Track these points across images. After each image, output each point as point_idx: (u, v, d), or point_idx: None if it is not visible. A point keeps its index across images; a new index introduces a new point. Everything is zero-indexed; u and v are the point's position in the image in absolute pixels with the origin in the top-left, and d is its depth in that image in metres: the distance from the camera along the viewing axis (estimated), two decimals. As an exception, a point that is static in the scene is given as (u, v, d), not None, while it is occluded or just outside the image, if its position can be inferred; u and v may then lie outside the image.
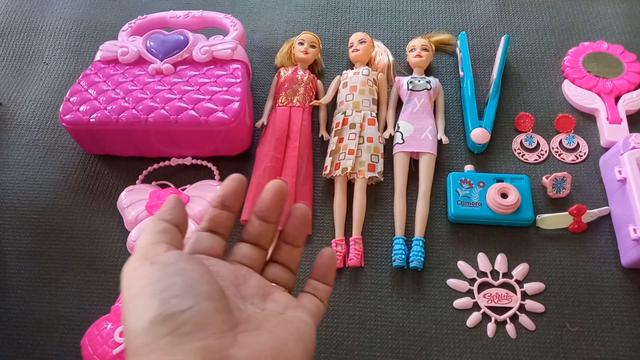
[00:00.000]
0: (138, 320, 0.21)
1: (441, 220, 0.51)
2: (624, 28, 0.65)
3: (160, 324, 0.21)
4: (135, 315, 0.22)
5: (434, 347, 0.45)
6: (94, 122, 0.51)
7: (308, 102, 0.57)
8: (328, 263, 0.32)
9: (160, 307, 0.21)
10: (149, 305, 0.21)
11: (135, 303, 0.22)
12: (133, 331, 0.21)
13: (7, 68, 0.65)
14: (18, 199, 0.54)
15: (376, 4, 0.69)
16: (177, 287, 0.22)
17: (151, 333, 0.21)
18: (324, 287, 0.31)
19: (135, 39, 0.57)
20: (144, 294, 0.22)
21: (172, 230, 0.27)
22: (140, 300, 0.22)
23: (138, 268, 0.24)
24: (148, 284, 0.22)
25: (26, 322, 0.47)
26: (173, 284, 0.23)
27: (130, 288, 0.23)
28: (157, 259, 0.24)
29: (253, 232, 0.30)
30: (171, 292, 0.22)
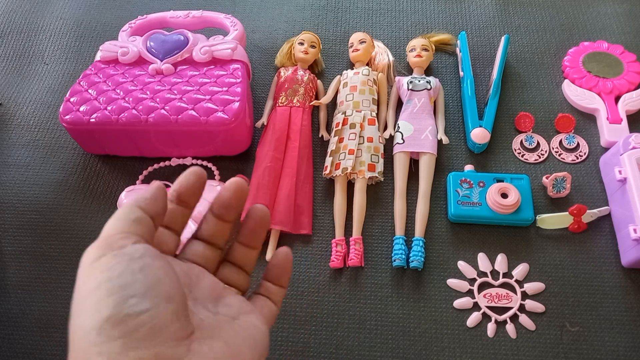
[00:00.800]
0: (90, 318, 0.20)
1: (441, 220, 0.51)
2: (624, 28, 0.65)
3: (114, 325, 0.19)
4: (87, 312, 0.20)
5: (434, 347, 0.45)
6: (94, 122, 0.51)
7: (308, 102, 0.57)
8: (283, 264, 0.30)
9: (116, 306, 0.20)
10: (105, 303, 0.20)
11: (90, 298, 0.20)
12: (81, 329, 0.20)
13: (7, 68, 0.65)
14: (18, 199, 0.54)
15: (376, 4, 0.69)
16: (138, 285, 0.21)
17: (102, 334, 0.19)
18: (278, 290, 0.30)
19: (136, 39, 0.57)
20: (101, 289, 0.20)
21: (146, 221, 0.24)
22: (95, 295, 0.20)
23: (99, 259, 0.21)
24: (108, 278, 0.21)
25: (26, 322, 0.47)
26: (135, 281, 0.21)
27: (88, 281, 0.21)
28: (123, 251, 0.22)
29: (208, 230, 0.28)
30: (131, 290, 0.20)
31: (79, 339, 0.20)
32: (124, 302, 0.20)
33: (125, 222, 0.24)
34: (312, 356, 0.45)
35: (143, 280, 0.21)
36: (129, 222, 0.24)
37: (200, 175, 0.27)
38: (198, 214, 0.49)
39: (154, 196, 0.26)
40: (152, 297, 0.21)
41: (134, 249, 0.22)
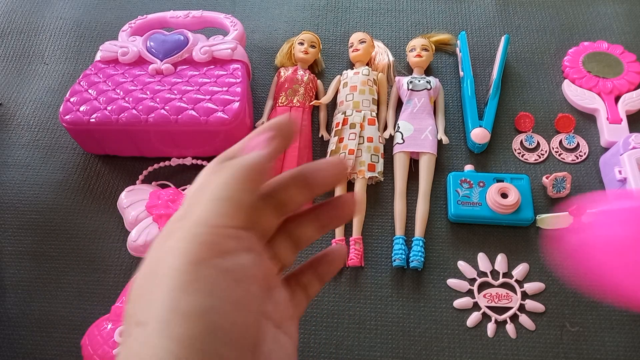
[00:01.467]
0: (159, 344, 0.15)
1: (441, 220, 0.51)
2: (624, 28, 0.65)
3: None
4: (162, 354, 0.15)
5: (434, 347, 0.45)
6: (94, 123, 0.51)
7: (308, 102, 0.57)
8: (337, 263, 0.25)
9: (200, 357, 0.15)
10: (189, 346, 0.15)
11: (166, 324, 0.16)
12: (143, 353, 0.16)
13: (7, 68, 0.65)
14: (18, 199, 0.54)
15: (376, 4, 0.69)
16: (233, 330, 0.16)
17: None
18: (318, 286, 0.25)
19: (136, 39, 0.57)
20: (190, 322, 0.16)
21: (263, 206, 0.19)
22: (174, 323, 0.16)
23: (197, 265, 0.16)
24: (202, 306, 0.16)
25: (26, 322, 0.47)
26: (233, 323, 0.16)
27: (174, 294, 0.16)
28: (228, 266, 0.17)
29: (283, 194, 0.21)
30: (222, 335, 0.16)
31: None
32: (212, 351, 0.16)
33: (240, 207, 0.18)
34: (312, 356, 0.45)
35: (240, 324, 0.17)
36: (244, 206, 0.18)
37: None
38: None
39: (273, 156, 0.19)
40: (240, 349, 0.16)
41: (241, 265, 0.17)
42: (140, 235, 0.48)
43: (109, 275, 0.49)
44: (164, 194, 0.51)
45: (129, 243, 0.48)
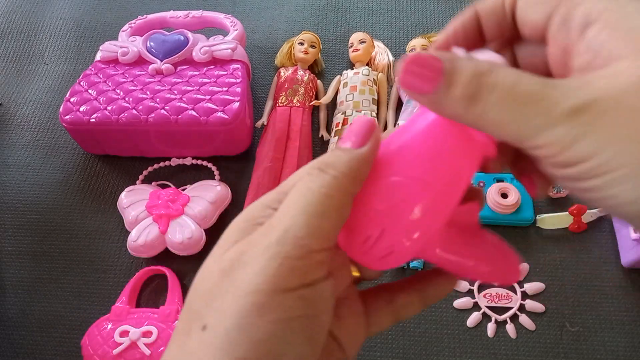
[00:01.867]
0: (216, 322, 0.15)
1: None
2: (624, 28, 0.65)
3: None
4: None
5: (434, 347, 0.45)
6: (94, 123, 0.51)
7: (308, 102, 0.57)
8: (448, 287, 0.22)
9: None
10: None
11: (234, 352, 0.15)
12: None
13: (7, 68, 0.65)
14: (18, 199, 0.54)
15: (376, 4, 0.69)
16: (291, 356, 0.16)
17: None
18: (418, 308, 0.22)
19: (136, 39, 0.57)
20: (258, 349, 0.15)
21: (342, 220, 0.17)
22: (243, 351, 0.15)
23: (279, 294, 0.16)
24: (274, 334, 0.15)
25: (26, 322, 0.47)
26: (301, 356, 0.16)
27: (243, 321, 0.15)
28: (310, 295, 0.16)
29: None
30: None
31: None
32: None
33: (332, 228, 0.16)
34: (312, 356, 0.45)
35: (306, 355, 0.16)
36: (340, 221, 0.17)
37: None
38: (198, 213, 0.49)
39: (368, 166, 0.18)
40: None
41: (322, 297, 0.16)
42: (140, 235, 0.48)
43: (109, 275, 0.49)
44: (164, 194, 0.51)
45: (129, 243, 0.48)
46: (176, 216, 0.49)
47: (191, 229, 0.48)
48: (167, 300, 0.46)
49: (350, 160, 0.17)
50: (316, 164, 0.17)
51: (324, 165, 0.17)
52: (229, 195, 0.52)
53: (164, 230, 0.48)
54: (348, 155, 0.17)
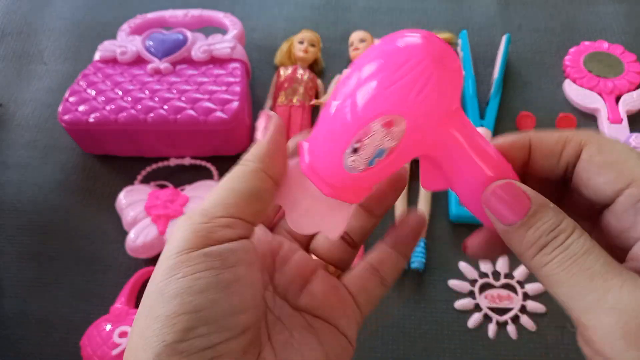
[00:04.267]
0: (153, 338, 0.16)
1: (442, 220, 0.51)
2: (624, 28, 0.65)
3: (170, 354, 0.16)
4: (153, 326, 0.17)
5: (435, 349, 0.45)
6: (93, 122, 0.50)
7: (308, 102, 0.57)
8: (419, 227, 0.25)
9: (181, 333, 0.16)
10: (171, 323, 0.16)
11: (162, 308, 0.17)
12: (140, 347, 0.17)
13: (7, 68, 0.65)
14: (17, 199, 0.54)
15: (377, 3, 0.68)
16: (216, 310, 0.17)
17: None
18: (397, 261, 0.24)
19: (134, 38, 0.57)
20: (176, 301, 0.17)
21: (263, 196, 0.19)
22: (168, 307, 0.17)
23: (189, 253, 0.17)
24: (188, 289, 0.17)
25: (26, 322, 0.47)
26: (215, 303, 0.17)
27: (168, 280, 0.17)
28: (218, 251, 0.18)
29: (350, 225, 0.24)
30: (206, 314, 0.17)
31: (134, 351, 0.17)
32: (192, 329, 0.16)
33: (238, 198, 0.19)
34: (312, 357, 0.45)
35: (224, 304, 0.17)
36: (243, 197, 0.19)
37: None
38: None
39: (278, 151, 0.20)
40: (226, 330, 0.17)
41: (232, 250, 0.18)
42: (139, 235, 0.48)
43: (108, 275, 0.49)
44: (163, 194, 0.50)
45: (128, 243, 0.48)
46: (175, 216, 0.49)
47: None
48: (167, 301, 0.46)
49: (255, 148, 0.20)
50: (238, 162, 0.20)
51: (241, 160, 0.20)
52: (228, 195, 0.52)
53: (162, 231, 0.48)
54: (255, 146, 0.20)
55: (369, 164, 0.18)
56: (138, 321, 0.18)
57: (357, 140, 0.17)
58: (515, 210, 0.17)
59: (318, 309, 0.22)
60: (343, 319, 0.23)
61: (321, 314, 0.22)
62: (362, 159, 0.18)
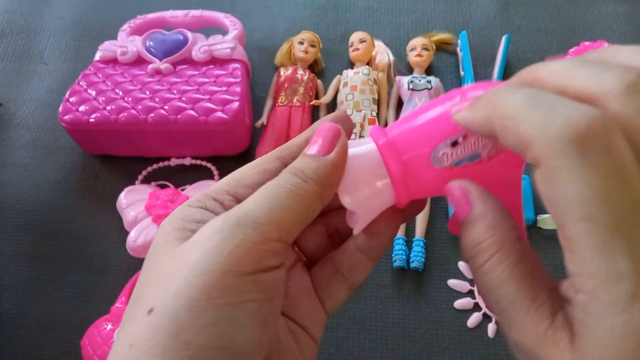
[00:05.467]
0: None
1: (442, 220, 0.51)
2: (625, 28, 0.65)
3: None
4: (171, 355, 0.15)
5: (434, 348, 0.45)
6: (94, 122, 0.50)
7: (308, 102, 0.57)
8: (389, 238, 0.22)
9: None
10: (200, 357, 0.15)
11: (184, 335, 0.15)
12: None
13: (7, 68, 0.65)
14: (17, 199, 0.54)
15: (377, 3, 0.69)
16: (248, 347, 0.16)
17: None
18: (369, 267, 0.22)
19: (135, 38, 0.57)
20: (207, 332, 0.15)
21: (309, 222, 0.18)
22: (193, 335, 0.15)
23: (248, 277, 0.15)
24: (224, 319, 0.15)
25: (26, 322, 0.47)
26: (250, 339, 0.16)
27: (194, 303, 0.15)
28: (264, 280, 0.16)
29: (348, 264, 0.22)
30: (238, 350, 0.15)
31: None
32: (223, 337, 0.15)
33: (292, 221, 0.17)
34: (312, 357, 0.45)
35: (257, 341, 0.16)
36: (297, 223, 0.17)
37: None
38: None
39: (339, 178, 0.18)
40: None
41: (275, 281, 0.16)
42: (140, 235, 0.48)
43: (108, 275, 0.49)
44: (163, 194, 0.50)
45: (129, 243, 0.48)
46: (175, 216, 0.49)
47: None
48: (167, 301, 0.46)
49: (318, 168, 0.17)
50: (287, 169, 0.18)
51: (294, 170, 0.17)
52: (228, 195, 0.52)
53: (163, 231, 0.48)
54: (316, 162, 0.17)
55: (457, 163, 0.17)
56: (155, 330, 0.15)
57: (464, 135, 0.17)
58: (460, 210, 0.17)
59: (292, 311, 0.21)
60: (314, 326, 0.22)
61: (296, 317, 0.21)
62: (455, 155, 0.17)
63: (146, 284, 0.16)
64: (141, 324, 0.15)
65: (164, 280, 0.16)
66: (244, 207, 0.16)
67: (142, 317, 0.15)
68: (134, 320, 0.16)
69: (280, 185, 0.17)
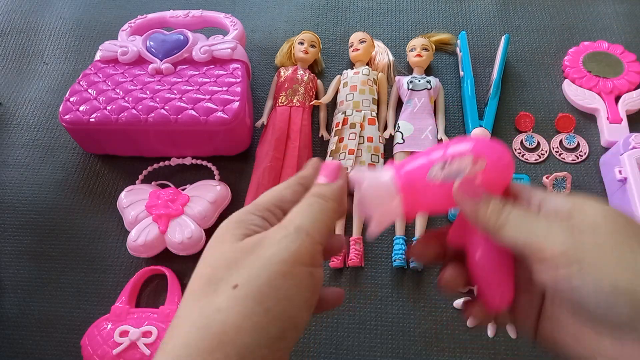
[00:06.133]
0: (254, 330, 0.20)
1: (441, 220, 0.51)
2: (624, 28, 0.65)
3: (270, 346, 0.20)
4: (255, 319, 0.20)
5: (434, 347, 0.45)
6: (94, 122, 0.50)
7: (308, 102, 0.57)
8: (336, 302, 0.27)
9: (281, 333, 0.20)
10: (274, 324, 0.20)
11: (265, 304, 0.20)
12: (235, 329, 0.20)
13: (7, 68, 0.65)
14: (18, 199, 0.54)
15: (376, 4, 0.69)
16: (300, 321, 0.21)
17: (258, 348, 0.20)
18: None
19: (135, 38, 0.57)
20: (281, 304, 0.20)
21: (330, 229, 0.24)
22: (275, 306, 0.20)
23: (296, 266, 0.21)
24: (292, 297, 0.21)
25: (26, 322, 0.47)
26: (302, 317, 0.21)
27: (274, 282, 0.20)
28: (316, 275, 0.22)
29: None
30: (293, 323, 0.21)
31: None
32: (285, 332, 0.20)
33: (328, 231, 0.23)
34: (312, 356, 0.45)
35: (303, 319, 0.21)
36: (328, 231, 0.23)
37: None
38: (198, 213, 0.49)
39: (345, 197, 0.26)
40: (296, 338, 0.21)
41: (320, 277, 0.22)
42: (140, 235, 0.48)
43: (108, 275, 0.49)
44: (164, 194, 0.51)
45: (129, 243, 0.48)
46: (176, 216, 0.49)
47: (191, 228, 0.48)
48: (167, 300, 0.46)
49: (333, 191, 0.25)
50: (311, 194, 0.25)
51: (317, 194, 0.24)
52: (228, 195, 0.52)
53: (163, 230, 0.48)
54: (330, 187, 0.25)
55: (446, 180, 0.24)
56: (242, 300, 0.20)
57: (451, 159, 0.24)
58: (475, 196, 0.24)
59: None
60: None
61: None
62: (444, 173, 0.24)
63: (220, 269, 0.21)
64: (228, 296, 0.20)
65: (243, 265, 0.21)
66: (295, 220, 0.23)
67: (228, 290, 0.20)
68: (218, 293, 0.21)
69: (312, 205, 0.24)
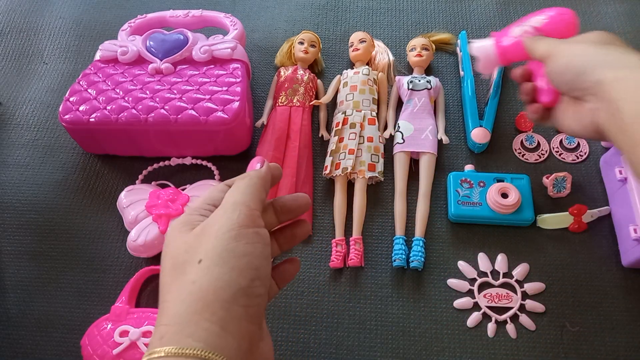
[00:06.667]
0: (231, 283, 0.24)
1: (441, 220, 0.51)
2: (625, 28, 0.65)
3: (243, 295, 0.24)
4: (231, 273, 0.25)
5: (434, 347, 0.45)
6: (94, 122, 0.50)
7: (308, 102, 0.57)
8: (293, 272, 0.34)
9: (249, 282, 0.25)
10: (244, 274, 0.25)
11: (237, 261, 0.25)
12: (213, 283, 0.25)
13: (7, 68, 0.65)
14: (17, 199, 0.54)
15: (376, 3, 0.69)
16: (263, 271, 0.26)
17: (234, 299, 0.24)
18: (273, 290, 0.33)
19: (135, 38, 0.57)
20: (245, 259, 0.25)
21: (261, 201, 0.29)
22: (241, 262, 0.25)
23: (247, 229, 0.26)
24: (251, 253, 0.25)
25: (26, 322, 0.47)
26: (261, 266, 0.26)
27: (237, 243, 0.25)
28: (260, 233, 0.27)
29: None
30: (259, 273, 0.25)
31: (206, 285, 0.25)
32: (254, 280, 0.25)
33: (260, 200, 0.29)
34: (312, 356, 0.45)
35: (265, 269, 0.26)
36: (261, 200, 0.29)
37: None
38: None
39: (269, 176, 0.31)
40: (266, 285, 0.26)
41: (266, 234, 0.27)
42: (140, 234, 0.48)
43: (108, 275, 0.49)
44: (164, 194, 0.51)
45: (129, 243, 0.48)
46: (176, 216, 0.49)
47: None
48: (167, 300, 0.46)
49: (256, 171, 0.31)
50: (240, 177, 0.30)
51: (244, 176, 0.30)
52: (228, 195, 0.52)
53: (163, 230, 0.48)
54: (257, 171, 0.31)
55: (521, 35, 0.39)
56: (203, 268, 0.25)
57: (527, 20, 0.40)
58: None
59: None
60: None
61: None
62: (521, 29, 0.40)
63: (180, 256, 0.26)
64: (197, 269, 0.25)
65: (199, 245, 0.26)
66: (229, 199, 0.28)
67: (195, 266, 0.25)
68: (187, 271, 0.25)
69: (239, 184, 0.29)
